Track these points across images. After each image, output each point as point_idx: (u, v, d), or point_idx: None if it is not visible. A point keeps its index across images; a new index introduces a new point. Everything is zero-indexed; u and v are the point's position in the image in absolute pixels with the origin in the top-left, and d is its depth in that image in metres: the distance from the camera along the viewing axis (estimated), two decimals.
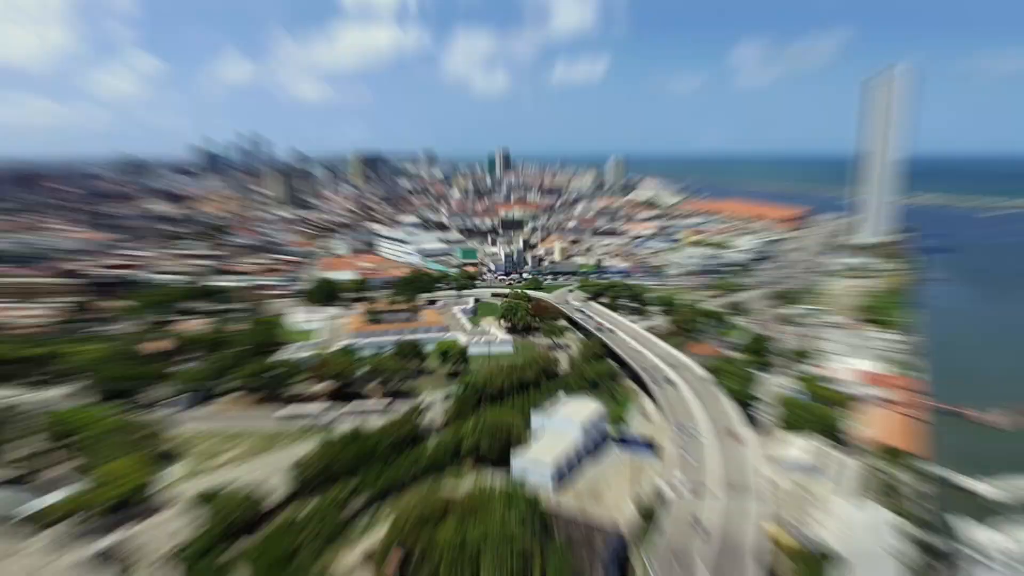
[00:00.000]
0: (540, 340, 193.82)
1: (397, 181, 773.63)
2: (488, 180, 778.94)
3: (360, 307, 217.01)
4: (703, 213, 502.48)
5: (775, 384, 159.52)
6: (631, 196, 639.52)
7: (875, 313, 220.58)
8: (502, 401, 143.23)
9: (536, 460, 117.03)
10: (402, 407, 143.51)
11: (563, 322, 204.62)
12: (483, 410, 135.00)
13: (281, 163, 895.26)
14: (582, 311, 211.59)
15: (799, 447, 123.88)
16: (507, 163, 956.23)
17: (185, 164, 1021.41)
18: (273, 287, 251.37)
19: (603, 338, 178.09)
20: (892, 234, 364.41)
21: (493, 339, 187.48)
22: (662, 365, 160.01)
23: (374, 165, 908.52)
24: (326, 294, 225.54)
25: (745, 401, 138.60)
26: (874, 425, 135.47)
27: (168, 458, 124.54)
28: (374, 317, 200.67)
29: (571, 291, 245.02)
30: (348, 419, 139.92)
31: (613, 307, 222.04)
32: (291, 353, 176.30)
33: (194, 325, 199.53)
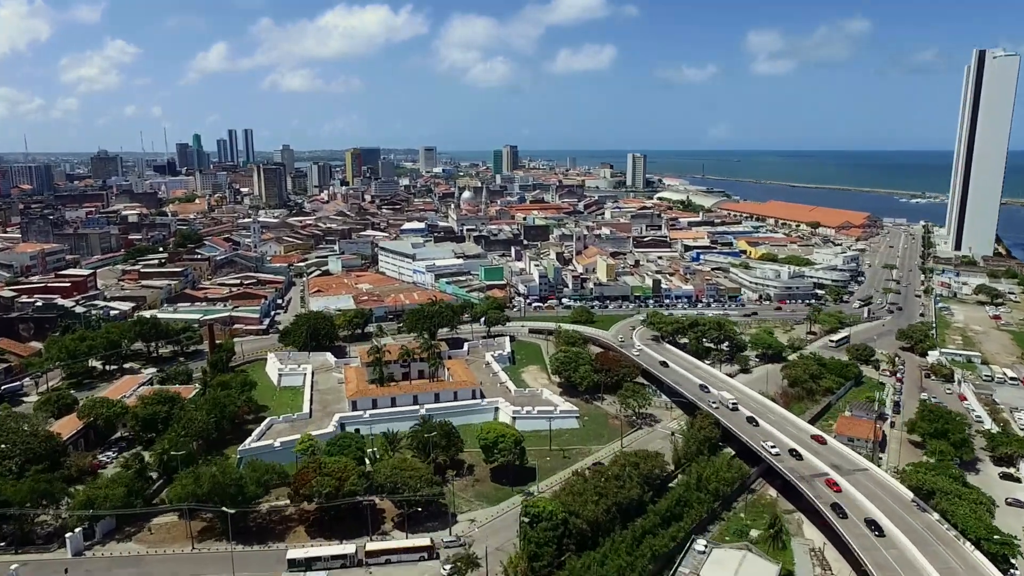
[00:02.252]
0: (610, 405, 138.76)
1: (396, 180, 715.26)
2: (498, 179, 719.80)
3: (360, 352, 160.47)
4: (749, 218, 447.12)
5: (1010, 500, 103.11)
6: (660, 197, 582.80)
7: None
8: (596, 544, 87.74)
9: None
10: (431, 541, 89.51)
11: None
12: (570, 565, 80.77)
13: (267, 159, 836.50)
14: (660, 358, 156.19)
15: None
16: (514, 160, 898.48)
17: (163, 160, 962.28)
18: (246, 320, 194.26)
19: (715, 414, 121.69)
20: (991, 245, 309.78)
21: (550, 409, 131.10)
22: (823, 466, 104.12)
23: (370, 161, 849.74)
24: (314, 334, 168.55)
25: (1000, 552, 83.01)
26: None
27: None
28: (381, 373, 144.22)
29: (634, 327, 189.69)
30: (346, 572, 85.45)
31: (698, 352, 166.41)
32: (261, 437, 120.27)
33: (127, 386, 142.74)
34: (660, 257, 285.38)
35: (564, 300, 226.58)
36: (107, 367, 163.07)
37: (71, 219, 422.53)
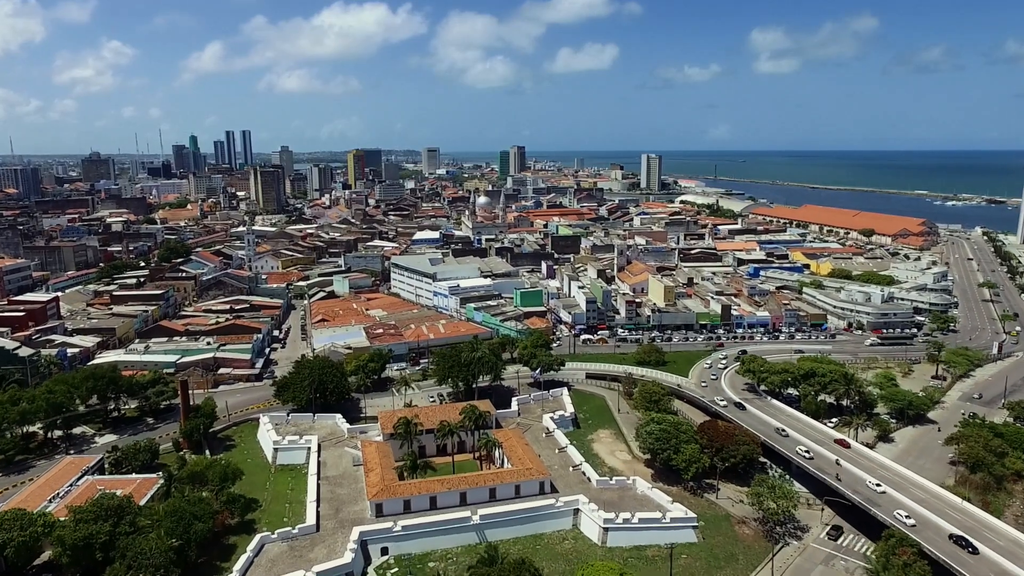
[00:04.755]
0: (729, 500, 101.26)
1: (400, 182, 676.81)
2: (509, 181, 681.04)
3: (381, 417, 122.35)
4: (789, 224, 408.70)
5: None
6: (683, 200, 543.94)
7: None
8: None
9: None
10: None
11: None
12: None
13: (265, 161, 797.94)
14: (778, 425, 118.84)
15: None
16: (522, 161, 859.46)
17: (157, 162, 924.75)
18: (234, 362, 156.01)
19: (916, 536, 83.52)
20: None
21: (656, 517, 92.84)
22: None
23: (372, 163, 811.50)
24: (320, 388, 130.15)
25: None
26: None
27: None
28: (413, 458, 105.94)
29: (712, 367, 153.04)
30: None
31: (816, 412, 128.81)
32: (247, 571, 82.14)
33: (66, 475, 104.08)
34: (714, 274, 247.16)
35: (620, 330, 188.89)
36: (50, 434, 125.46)
37: (48, 228, 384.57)
